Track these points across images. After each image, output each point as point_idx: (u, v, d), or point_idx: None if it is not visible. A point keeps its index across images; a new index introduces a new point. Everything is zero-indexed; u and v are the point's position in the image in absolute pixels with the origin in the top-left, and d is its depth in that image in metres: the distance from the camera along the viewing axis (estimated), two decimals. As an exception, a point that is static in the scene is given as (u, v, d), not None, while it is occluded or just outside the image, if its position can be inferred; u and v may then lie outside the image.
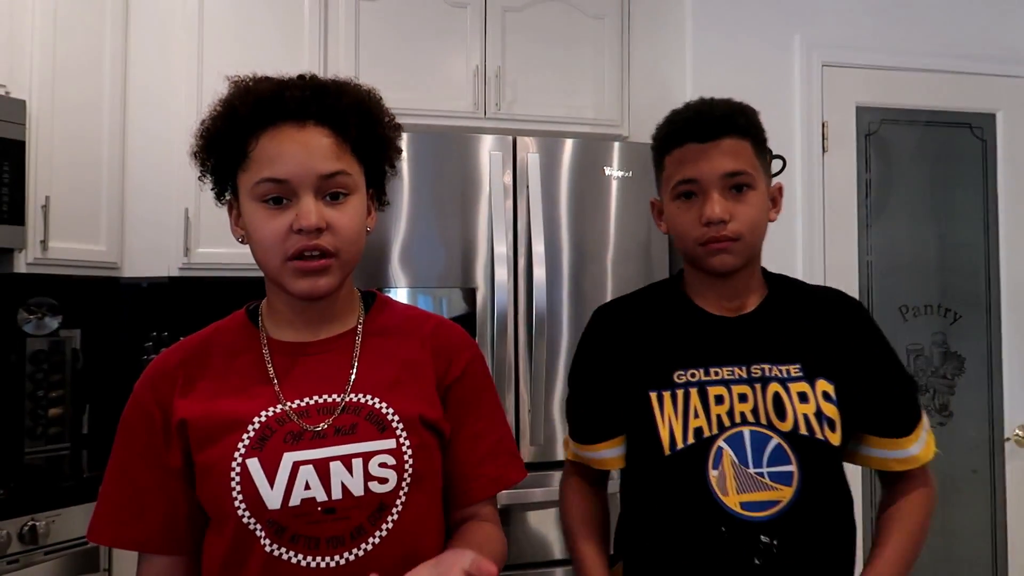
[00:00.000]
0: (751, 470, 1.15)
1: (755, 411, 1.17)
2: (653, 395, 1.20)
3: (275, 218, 0.98)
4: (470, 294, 2.34)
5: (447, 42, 2.90)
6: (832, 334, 1.25)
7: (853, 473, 2.62)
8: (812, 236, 2.59)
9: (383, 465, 1.00)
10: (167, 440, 1.02)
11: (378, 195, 1.13)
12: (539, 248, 2.35)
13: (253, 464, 0.97)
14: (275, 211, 0.98)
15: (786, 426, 1.16)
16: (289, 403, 1.02)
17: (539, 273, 2.33)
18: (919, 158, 2.72)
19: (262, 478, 0.96)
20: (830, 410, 1.17)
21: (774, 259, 2.55)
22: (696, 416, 1.18)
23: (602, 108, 3.00)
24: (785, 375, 1.19)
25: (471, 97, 2.89)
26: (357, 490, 0.98)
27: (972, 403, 2.72)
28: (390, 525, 1.00)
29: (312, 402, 1.02)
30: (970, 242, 2.75)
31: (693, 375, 1.20)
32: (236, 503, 0.96)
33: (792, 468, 1.15)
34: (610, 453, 1.29)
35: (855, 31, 2.67)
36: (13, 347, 2.61)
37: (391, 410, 1.03)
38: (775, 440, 1.16)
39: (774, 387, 1.18)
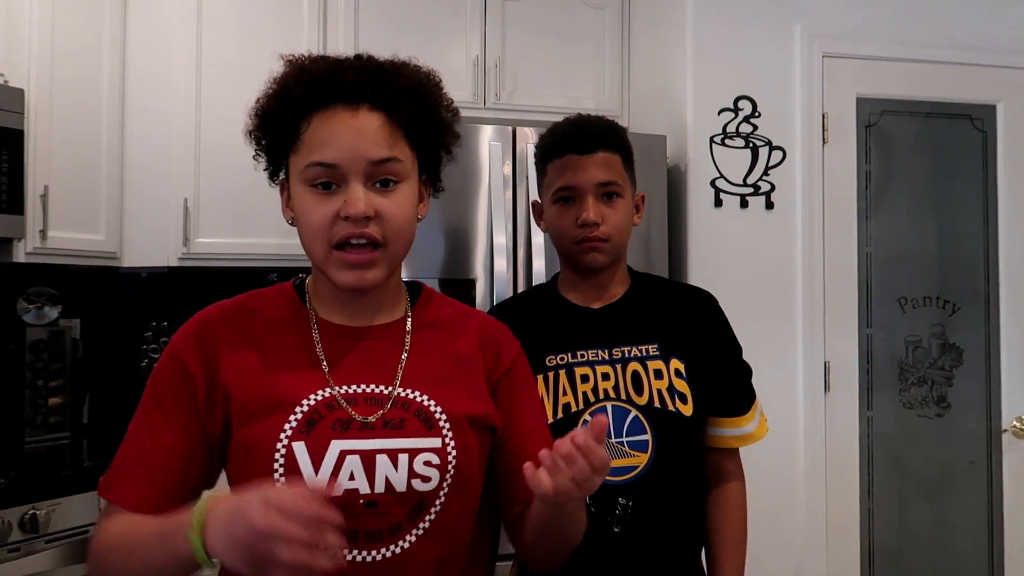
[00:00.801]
0: (612, 440, 1.32)
1: (616, 387, 1.35)
2: None
3: (323, 203, 0.96)
4: (469, 285, 2.34)
5: (447, 32, 2.89)
6: (685, 320, 1.42)
7: (853, 469, 2.57)
8: (811, 227, 2.59)
9: (428, 464, 0.98)
10: (210, 401, 0.98)
11: (432, 181, 1.09)
12: (539, 239, 2.35)
13: (299, 448, 0.95)
14: (323, 196, 0.96)
15: (642, 400, 1.34)
16: (338, 388, 0.99)
17: (538, 264, 2.33)
18: (919, 149, 2.72)
19: (308, 463, 0.94)
20: (681, 385, 1.36)
21: (774, 250, 2.57)
22: (564, 394, 1.35)
23: (602, 98, 3.00)
24: (644, 354, 1.37)
25: (471, 87, 2.88)
26: (400, 486, 0.96)
27: (970, 395, 2.73)
28: (427, 524, 0.98)
29: (360, 391, 1.00)
30: (969, 234, 2.75)
31: (562, 359, 1.37)
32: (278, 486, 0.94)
33: (647, 437, 1.33)
34: None
35: (856, 22, 2.66)
36: (13, 337, 2.61)
37: (439, 408, 1.01)
38: (633, 413, 1.34)
39: (633, 366, 1.36)
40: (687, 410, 1.34)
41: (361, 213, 0.94)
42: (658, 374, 1.35)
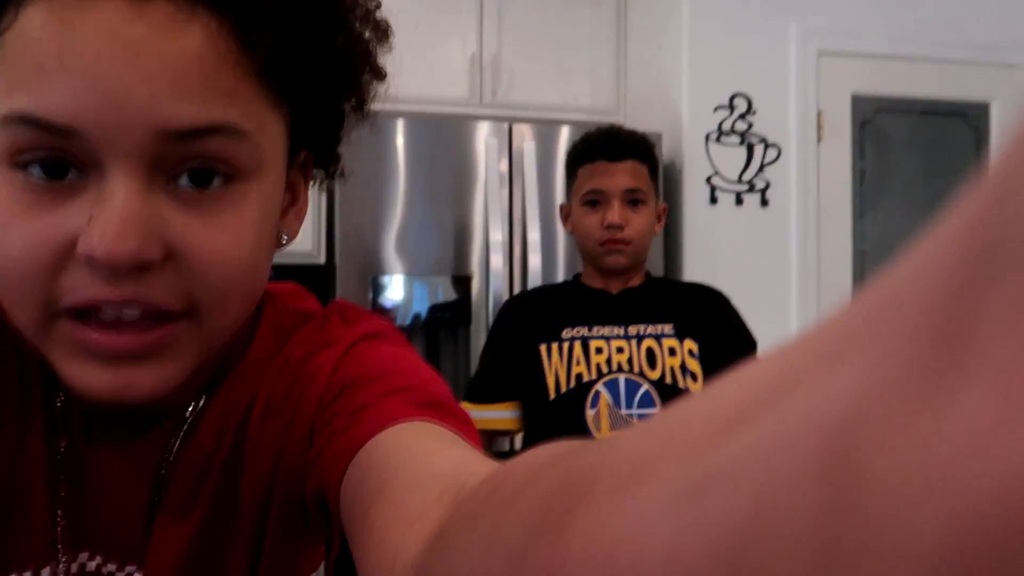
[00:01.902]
0: (623, 411, 1.38)
1: (630, 361, 1.42)
2: (543, 347, 1.44)
3: (39, 217, 0.41)
4: (465, 282, 2.35)
5: (444, 29, 2.89)
6: (700, 309, 1.50)
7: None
8: (806, 225, 2.60)
9: None
10: None
11: (322, 161, 0.56)
12: (534, 236, 2.35)
13: None
14: (42, 196, 0.41)
15: (655, 375, 1.41)
16: (64, 564, 0.51)
17: (534, 261, 2.34)
18: (914, 148, 2.73)
19: None
20: (693, 365, 1.42)
21: (769, 247, 2.58)
22: (577, 364, 1.41)
23: (598, 95, 3.00)
24: (659, 333, 1.44)
25: (467, 84, 2.88)
26: None
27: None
28: None
29: (95, 566, 0.53)
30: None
31: (578, 331, 1.45)
32: None
33: (657, 412, 1.36)
34: (502, 414, 1.47)
35: (851, 19, 2.67)
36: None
37: None
38: (645, 387, 1.40)
39: (648, 343, 1.43)
40: (697, 389, 1.41)
41: (128, 256, 0.40)
42: (672, 352, 1.42)
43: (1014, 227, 0.09)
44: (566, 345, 1.42)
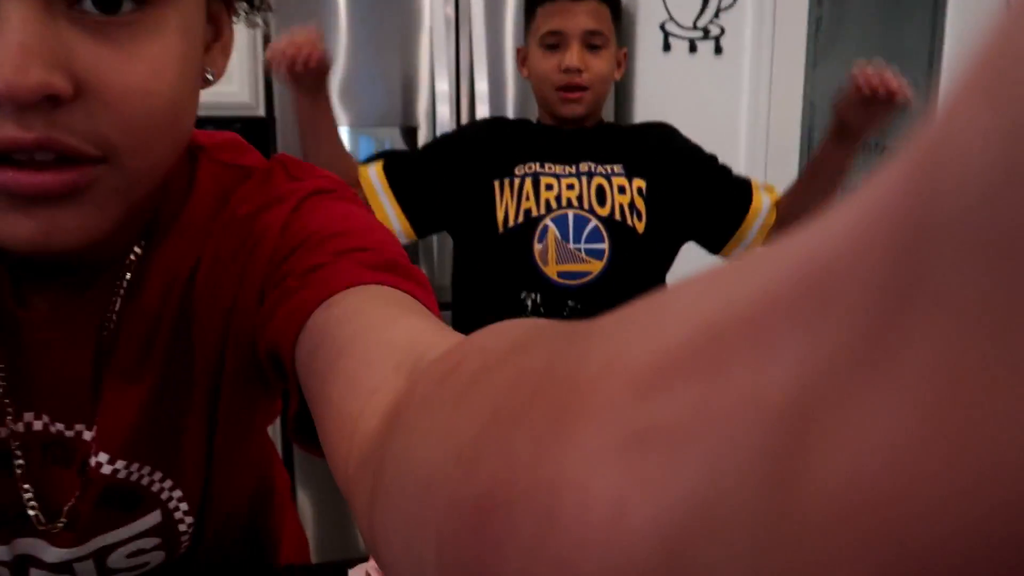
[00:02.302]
0: (570, 245, 1.39)
1: (579, 198, 1.42)
2: (496, 183, 1.43)
3: None
4: (411, 133, 2.29)
5: None
6: (648, 146, 1.50)
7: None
8: (758, 74, 2.57)
9: (140, 552, 0.58)
10: None
11: None
12: (482, 86, 2.28)
13: None
14: None
15: (604, 212, 1.41)
16: (6, 425, 0.52)
17: (482, 111, 2.28)
18: (871, -6, 2.67)
19: None
20: (640, 204, 1.43)
21: (721, 97, 2.54)
22: (527, 199, 1.41)
23: (549, -66, 2.84)
24: (609, 172, 1.44)
25: (410, -81, 2.70)
26: None
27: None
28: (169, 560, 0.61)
29: (42, 426, 0.53)
30: (914, 83, 2.75)
31: (530, 167, 1.44)
32: None
33: (604, 247, 1.40)
34: (391, 212, 1.41)
35: None
36: None
37: (149, 474, 0.55)
38: (593, 222, 1.40)
39: (598, 180, 1.43)
40: (640, 227, 1.42)
41: (31, 87, 0.36)
42: (621, 190, 1.43)
43: (945, 203, 0.09)
44: (517, 182, 1.42)
